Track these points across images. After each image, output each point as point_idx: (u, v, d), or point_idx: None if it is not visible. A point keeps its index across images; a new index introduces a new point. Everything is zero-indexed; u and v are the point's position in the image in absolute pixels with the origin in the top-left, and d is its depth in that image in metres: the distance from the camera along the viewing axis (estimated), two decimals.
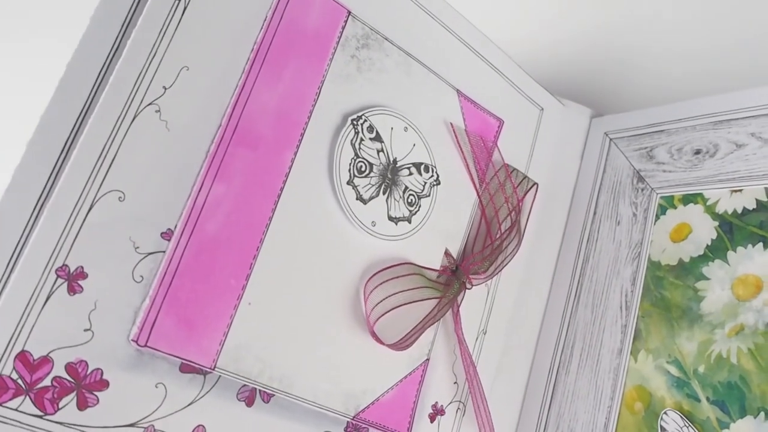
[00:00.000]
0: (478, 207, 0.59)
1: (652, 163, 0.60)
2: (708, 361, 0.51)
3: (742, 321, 0.50)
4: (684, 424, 0.50)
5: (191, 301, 0.45)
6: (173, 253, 0.45)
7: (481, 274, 0.57)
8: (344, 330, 0.51)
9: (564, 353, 0.59)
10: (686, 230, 0.56)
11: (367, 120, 0.53)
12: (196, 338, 0.45)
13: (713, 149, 0.56)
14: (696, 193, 0.57)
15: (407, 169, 0.55)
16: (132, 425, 0.43)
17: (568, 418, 0.56)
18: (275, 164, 0.49)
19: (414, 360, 0.54)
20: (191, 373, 0.45)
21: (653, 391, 0.53)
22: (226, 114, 0.47)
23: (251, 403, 0.47)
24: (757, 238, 0.52)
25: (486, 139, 0.59)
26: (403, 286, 0.53)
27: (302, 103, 0.50)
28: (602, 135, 0.65)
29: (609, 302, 0.58)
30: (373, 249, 0.53)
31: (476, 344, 0.59)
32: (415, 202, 0.55)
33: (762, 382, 0.48)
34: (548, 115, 0.65)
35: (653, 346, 0.54)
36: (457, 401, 0.57)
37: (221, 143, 0.47)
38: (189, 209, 0.45)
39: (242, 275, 0.47)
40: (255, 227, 0.48)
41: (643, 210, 0.59)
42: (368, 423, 0.52)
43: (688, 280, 0.54)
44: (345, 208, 0.51)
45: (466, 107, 0.59)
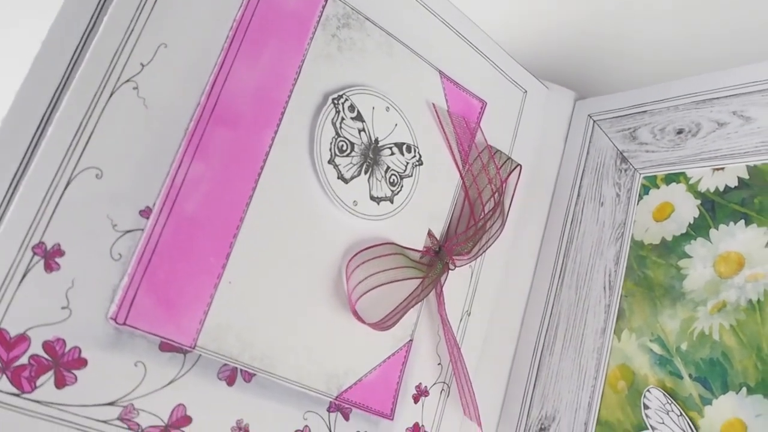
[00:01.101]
0: (461, 188, 0.59)
1: (635, 144, 0.60)
2: (690, 339, 0.51)
3: (724, 298, 0.50)
4: (667, 401, 0.50)
5: (170, 280, 0.45)
6: (152, 231, 0.44)
7: (464, 255, 0.57)
8: (326, 310, 0.51)
9: (548, 334, 0.59)
10: (669, 209, 0.56)
11: (348, 99, 0.53)
12: (175, 317, 0.45)
13: (695, 128, 0.56)
14: (678, 173, 0.57)
15: (389, 149, 0.55)
16: (111, 404, 0.43)
17: (553, 398, 0.56)
18: (255, 143, 0.48)
19: (397, 341, 0.54)
20: (171, 352, 0.45)
21: (636, 370, 0.53)
22: (205, 92, 0.47)
23: (232, 382, 0.47)
24: (738, 215, 0.52)
25: (469, 120, 0.59)
26: (385, 265, 0.53)
27: (282, 82, 0.50)
28: (586, 117, 0.65)
29: (593, 283, 0.58)
30: (355, 229, 0.53)
31: (460, 325, 0.59)
32: (397, 182, 0.55)
33: (744, 358, 0.48)
34: (532, 98, 0.65)
35: (636, 325, 0.54)
36: (441, 382, 0.57)
37: (200, 121, 0.46)
38: (168, 187, 0.45)
39: (222, 254, 0.47)
40: (235, 206, 0.47)
41: (627, 190, 0.59)
42: (351, 403, 0.51)
43: (671, 258, 0.54)
44: (326, 188, 0.51)
45: (449, 88, 0.59)
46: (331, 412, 0.51)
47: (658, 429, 0.49)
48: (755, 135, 0.53)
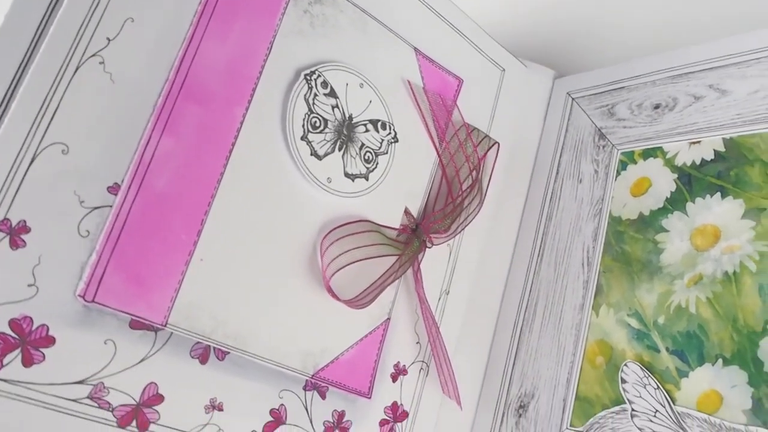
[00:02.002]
0: (438, 166, 0.58)
1: (613, 120, 0.60)
2: (668, 312, 0.50)
3: (701, 271, 0.50)
4: (644, 375, 0.50)
5: (140, 257, 0.44)
6: (120, 208, 0.44)
7: (442, 233, 0.56)
8: (301, 288, 0.50)
9: (527, 312, 0.59)
10: (646, 184, 0.56)
11: (321, 75, 0.52)
12: (145, 294, 0.44)
13: (672, 103, 0.56)
14: (656, 147, 0.56)
15: (363, 125, 0.54)
16: (80, 382, 0.42)
17: (532, 375, 0.56)
18: (226, 119, 0.48)
19: (374, 319, 0.54)
20: (142, 330, 0.45)
21: (614, 345, 0.52)
22: (174, 67, 0.46)
23: (205, 360, 0.47)
24: (715, 188, 0.52)
25: (445, 98, 0.59)
26: (360, 242, 0.52)
27: (253, 58, 0.49)
28: (565, 95, 0.65)
29: (571, 259, 0.58)
30: (330, 206, 0.52)
31: (439, 304, 0.58)
32: (372, 159, 0.54)
33: (720, 330, 0.47)
34: (510, 76, 0.65)
35: (614, 300, 0.54)
36: (420, 361, 0.57)
37: (169, 97, 0.46)
38: (136, 163, 0.45)
39: (193, 231, 0.46)
40: (206, 182, 0.47)
41: (605, 167, 0.59)
42: (328, 382, 0.51)
43: (648, 233, 0.54)
44: (299, 164, 0.50)
45: (425, 65, 0.58)
46: (308, 390, 0.51)
47: (636, 403, 0.49)
48: (731, 107, 0.52)
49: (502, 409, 0.56)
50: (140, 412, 0.44)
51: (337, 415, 0.52)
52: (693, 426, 0.46)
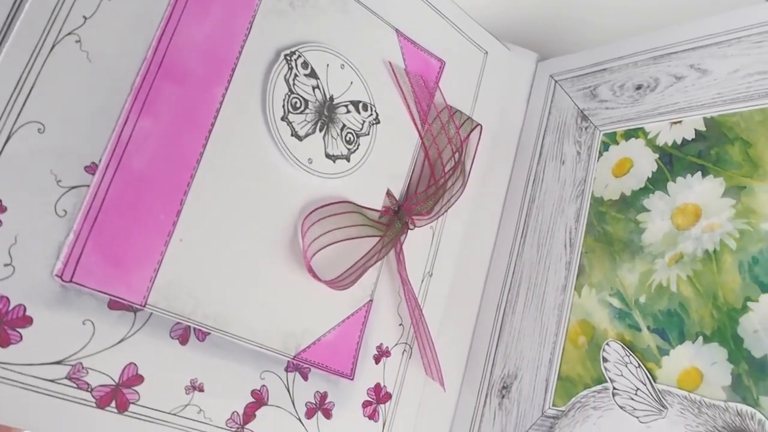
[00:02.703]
0: (420, 148, 0.58)
1: (596, 102, 0.60)
2: (649, 291, 0.51)
3: (682, 249, 0.50)
4: (625, 354, 0.50)
5: (118, 237, 0.44)
6: (98, 188, 0.43)
7: (424, 214, 0.56)
8: (282, 269, 0.50)
9: (510, 293, 0.59)
10: (628, 165, 0.56)
11: (302, 56, 0.52)
12: (124, 274, 0.44)
13: (654, 83, 0.56)
14: (637, 128, 0.56)
15: (344, 106, 0.54)
16: (58, 363, 0.42)
17: (515, 356, 0.56)
18: (205, 99, 0.48)
19: (357, 301, 0.54)
20: (120, 310, 0.44)
21: (596, 324, 0.52)
22: (152, 47, 0.46)
23: (185, 341, 0.47)
24: (695, 167, 0.52)
25: (427, 80, 0.59)
26: (341, 223, 0.52)
27: (232, 37, 0.49)
28: (548, 78, 0.64)
29: (554, 240, 0.58)
30: (311, 186, 0.52)
31: (422, 286, 0.58)
32: (353, 141, 0.54)
33: (700, 308, 0.48)
34: (493, 59, 0.65)
35: (596, 281, 0.54)
36: (403, 343, 0.57)
37: (146, 76, 0.46)
38: (114, 143, 0.44)
39: (172, 211, 0.46)
40: (184, 163, 0.47)
41: (587, 148, 0.59)
42: (309, 363, 0.51)
43: (630, 213, 0.54)
44: (280, 145, 0.50)
45: (406, 47, 0.58)
46: (289, 371, 0.51)
47: (617, 381, 0.49)
48: (712, 87, 0.52)
49: (486, 390, 0.57)
50: (119, 392, 0.44)
51: (319, 397, 0.52)
52: (673, 403, 0.46)
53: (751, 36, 0.51)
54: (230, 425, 0.47)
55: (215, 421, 0.47)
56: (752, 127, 0.50)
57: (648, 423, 0.47)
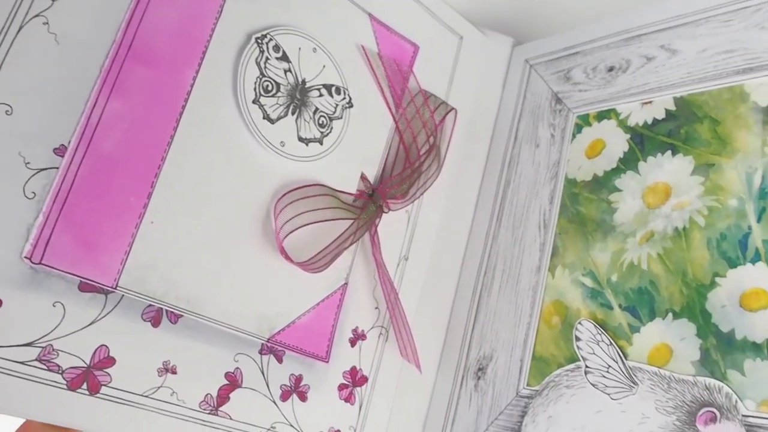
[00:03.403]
0: (395, 132, 0.58)
1: (569, 85, 0.60)
2: (620, 270, 0.51)
3: (652, 228, 0.50)
4: (597, 332, 0.50)
5: (88, 219, 0.44)
6: (67, 170, 0.44)
7: (399, 198, 0.56)
8: (255, 252, 0.50)
9: (486, 276, 0.59)
10: (600, 146, 0.56)
11: (273, 39, 0.52)
12: (94, 256, 0.44)
13: (626, 65, 0.56)
14: (609, 109, 0.57)
15: (317, 90, 0.54)
16: (29, 345, 0.42)
17: (491, 338, 0.56)
18: (175, 82, 0.48)
19: (331, 284, 0.54)
20: (91, 293, 0.44)
21: (569, 304, 0.53)
22: (121, 29, 0.46)
23: (157, 323, 0.47)
24: (666, 146, 0.52)
25: (400, 64, 0.59)
26: (315, 205, 0.52)
27: (202, 20, 0.49)
28: (523, 62, 0.65)
29: (528, 223, 0.58)
30: (284, 169, 0.52)
31: (398, 270, 0.58)
32: (326, 124, 0.54)
33: (670, 284, 0.48)
34: (468, 44, 0.65)
35: (569, 261, 0.54)
36: (379, 326, 0.57)
37: (116, 59, 0.46)
38: (83, 125, 0.44)
39: (143, 193, 0.46)
40: (155, 145, 0.47)
41: (561, 130, 0.59)
42: (284, 345, 0.51)
43: (602, 193, 0.54)
44: (251, 128, 0.50)
45: (379, 31, 0.58)
46: (264, 354, 0.51)
47: (589, 360, 0.50)
48: (681, 67, 0.53)
49: (462, 372, 0.57)
50: (91, 374, 0.44)
51: (294, 379, 0.52)
52: (644, 379, 0.46)
53: (719, 15, 0.52)
54: (204, 407, 0.48)
55: (188, 403, 0.47)
56: (720, 105, 0.50)
57: (619, 400, 0.47)
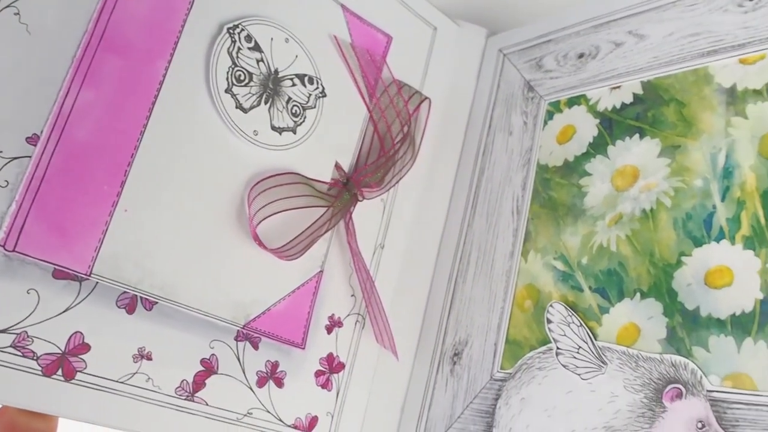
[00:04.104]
0: (369, 122, 0.59)
1: (541, 72, 0.61)
2: (590, 252, 0.52)
3: (621, 210, 0.51)
4: (568, 314, 0.51)
5: (62, 207, 0.44)
6: (40, 158, 0.44)
7: (373, 186, 0.57)
8: (230, 239, 0.51)
9: (462, 262, 0.59)
10: (571, 131, 0.57)
11: (245, 29, 0.52)
12: (68, 244, 0.45)
13: (595, 51, 0.57)
14: (579, 95, 0.57)
15: (290, 80, 0.55)
16: (3, 331, 0.42)
17: (466, 323, 0.57)
18: (148, 71, 0.48)
19: (306, 271, 0.54)
20: (66, 280, 0.45)
21: (541, 288, 0.53)
22: (92, 19, 0.47)
23: (132, 310, 0.47)
24: (633, 129, 0.53)
25: (374, 54, 0.59)
26: (289, 193, 0.53)
27: (175, 10, 0.50)
28: (497, 52, 0.66)
29: (502, 209, 0.59)
30: (257, 158, 0.53)
31: (374, 258, 0.59)
32: (299, 113, 0.55)
33: (638, 265, 0.49)
34: (442, 35, 0.66)
35: (541, 245, 0.55)
36: (355, 314, 0.57)
37: (88, 49, 0.46)
38: (56, 114, 0.45)
39: (116, 182, 0.47)
40: (128, 134, 0.47)
41: (533, 118, 0.60)
42: (260, 332, 0.52)
43: (573, 178, 0.55)
44: (224, 117, 0.51)
45: (352, 22, 0.59)
46: (239, 341, 0.51)
47: (560, 341, 0.50)
48: (648, 51, 0.54)
49: (438, 357, 0.57)
50: (66, 360, 0.44)
51: (270, 366, 0.52)
52: (613, 359, 0.47)
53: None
54: (180, 393, 0.48)
55: (164, 389, 0.48)
56: (686, 88, 0.51)
57: (589, 379, 0.48)
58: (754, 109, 0.47)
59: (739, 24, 0.49)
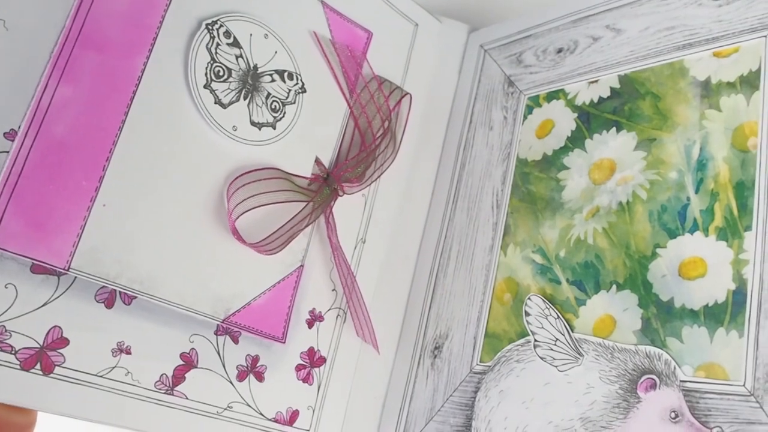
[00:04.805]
0: (350, 117, 0.59)
1: (521, 67, 0.61)
2: (568, 245, 0.52)
3: (598, 203, 0.51)
4: (545, 306, 0.51)
5: (40, 202, 0.45)
6: (17, 154, 0.44)
7: (354, 181, 0.57)
8: (209, 234, 0.51)
9: (443, 257, 0.60)
10: (550, 125, 0.57)
11: (224, 25, 0.53)
12: (47, 239, 0.45)
13: (573, 46, 0.58)
14: (558, 90, 0.58)
15: (269, 75, 0.55)
16: None
17: (446, 317, 0.57)
18: (126, 67, 0.49)
19: (287, 266, 0.55)
20: (44, 274, 0.45)
21: (520, 281, 0.54)
22: (70, 15, 0.47)
23: (111, 304, 0.47)
24: (611, 123, 0.53)
25: (354, 50, 0.60)
26: (268, 188, 0.53)
27: (153, 6, 0.50)
28: (478, 48, 0.66)
29: (482, 204, 0.59)
30: (237, 153, 0.53)
31: (355, 253, 0.59)
32: (279, 109, 0.55)
33: (614, 257, 0.49)
34: (424, 31, 0.66)
35: (521, 239, 0.55)
36: (336, 308, 0.58)
37: (65, 44, 0.46)
38: (33, 110, 0.45)
39: (94, 177, 0.47)
40: (106, 130, 0.47)
41: (513, 112, 0.60)
42: (240, 326, 0.52)
43: (551, 172, 0.55)
44: (203, 112, 0.51)
45: (332, 18, 0.59)
46: (219, 335, 0.52)
47: (538, 333, 0.51)
48: (625, 45, 0.54)
49: (419, 351, 0.58)
50: (44, 355, 0.44)
51: (250, 360, 0.53)
52: (589, 350, 0.47)
53: None
54: (159, 387, 0.48)
55: (143, 383, 0.48)
56: (662, 81, 0.51)
57: (566, 371, 0.48)
58: (728, 101, 0.47)
59: (713, 17, 0.50)
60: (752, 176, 0.44)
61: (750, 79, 0.47)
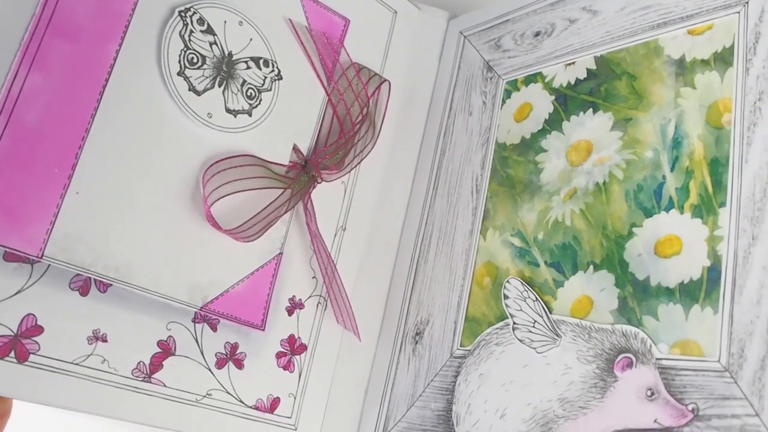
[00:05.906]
0: (328, 105, 0.59)
1: (500, 52, 0.61)
2: (546, 228, 0.52)
3: (575, 185, 0.51)
4: (524, 289, 0.51)
5: (11, 190, 0.45)
6: None
7: (332, 168, 0.57)
8: (185, 221, 0.51)
9: (423, 243, 0.60)
10: (528, 109, 0.57)
11: (197, 12, 0.53)
12: (19, 226, 0.45)
13: (550, 29, 0.57)
14: (536, 73, 0.58)
15: (244, 62, 0.55)
16: None
17: (427, 303, 0.57)
18: (98, 55, 0.48)
19: (265, 254, 0.55)
20: (17, 262, 0.45)
21: (499, 265, 0.54)
22: (40, 3, 0.47)
23: (86, 292, 0.47)
24: (587, 104, 0.53)
25: (331, 37, 0.60)
26: (245, 174, 0.53)
27: None
28: (458, 34, 0.66)
29: (462, 189, 0.59)
30: (212, 141, 0.53)
31: (335, 240, 0.59)
32: (255, 96, 0.55)
33: (591, 238, 0.49)
34: (402, 19, 0.66)
35: (500, 223, 0.55)
36: (317, 296, 0.57)
37: (35, 32, 0.46)
38: (3, 98, 0.45)
39: (67, 165, 0.47)
40: (78, 117, 0.47)
41: (492, 97, 0.60)
42: (218, 314, 0.52)
43: (529, 155, 0.55)
44: (177, 99, 0.51)
45: (308, 5, 0.59)
46: (197, 323, 0.51)
47: (517, 316, 0.50)
48: (601, 26, 0.54)
49: (401, 337, 0.57)
50: (18, 342, 0.44)
51: (229, 348, 0.52)
52: (567, 331, 0.47)
53: None
54: (136, 375, 0.48)
55: (120, 371, 0.48)
56: (637, 61, 0.51)
57: (544, 353, 0.48)
58: (702, 78, 0.47)
59: None
60: (726, 153, 0.44)
61: (724, 56, 0.47)
